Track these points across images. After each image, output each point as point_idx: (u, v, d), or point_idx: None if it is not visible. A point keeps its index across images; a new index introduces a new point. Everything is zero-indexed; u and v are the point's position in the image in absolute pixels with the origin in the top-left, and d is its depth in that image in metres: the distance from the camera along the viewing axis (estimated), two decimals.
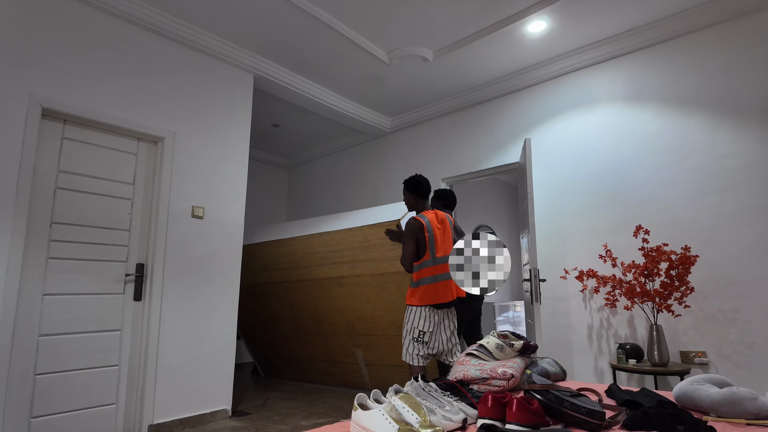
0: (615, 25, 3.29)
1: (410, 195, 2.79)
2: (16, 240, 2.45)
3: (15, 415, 2.41)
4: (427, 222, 2.63)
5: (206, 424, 3.13)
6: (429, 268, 2.62)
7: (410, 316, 2.63)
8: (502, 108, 4.18)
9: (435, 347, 2.62)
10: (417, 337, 2.58)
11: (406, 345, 2.63)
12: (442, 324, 2.65)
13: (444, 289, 2.64)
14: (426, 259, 2.62)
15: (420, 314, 2.60)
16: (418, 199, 2.78)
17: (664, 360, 2.77)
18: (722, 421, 1.28)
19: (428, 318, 2.59)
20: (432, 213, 2.71)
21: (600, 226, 3.44)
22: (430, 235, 2.62)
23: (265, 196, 6.18)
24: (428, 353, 2.62)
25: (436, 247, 2.64)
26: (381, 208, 3.44)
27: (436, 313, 2.63)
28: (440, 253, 2.65)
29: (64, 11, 2.75)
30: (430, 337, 2.60)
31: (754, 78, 2.90)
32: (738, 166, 2.91)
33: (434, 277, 2.62)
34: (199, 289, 3.23)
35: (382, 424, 1.16)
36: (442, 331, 2.65)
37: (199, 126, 3.36)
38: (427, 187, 2.79)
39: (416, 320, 2.60)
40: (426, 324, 2.59)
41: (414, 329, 2.59)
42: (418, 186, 2.76)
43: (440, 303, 2.62)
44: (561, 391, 1.34)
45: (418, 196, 2.77)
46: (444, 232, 2.73)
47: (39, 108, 2.59)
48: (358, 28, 3.38)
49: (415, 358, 2.59)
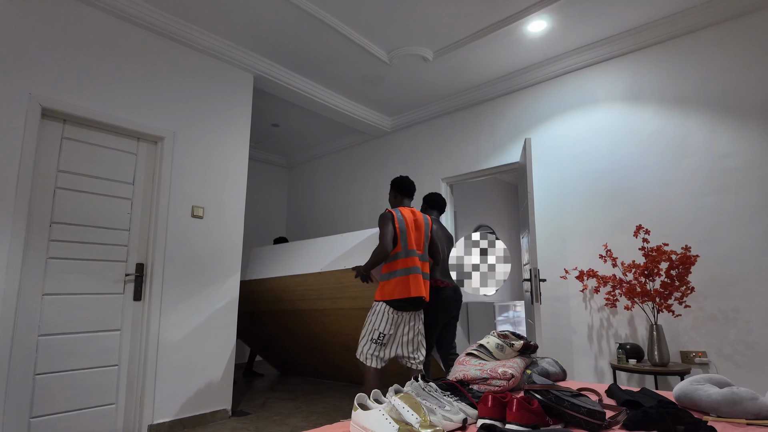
0: (615, 25, 3.29)
1: (392, 192, 2.95)
2: (16, 240, 2.45)
3: (15, 415, 2.41)
4: (398, 214, 2.70)
5: (206, 424, 3.13)
6: (402, 259, 2.64)
7: (373, 315, 2.61)
8: (502, 108, 4.18)
9: (393, 351, 2.62)
10: (376, 339, 2.57)
11: (362, 344, 2.61)
12: (405, 327, 2.64)
13: (415, 283, 2.62)
14: (398, 250, 2.65)
15: (383, 315, 2.58)
16: (397, 197, 2.91)
17: (665, 360, 2.77)
18: (722, 421, 1.28)
19: (390, 320, 2.58)
20: (407, 209, 2.78)
21: (600, 225, 3.44)
22: (402, 226, 2.66)
23: (265, 196, 6.18)
24: (385, 356, 2.60)
25: (408, 240, 2.66)
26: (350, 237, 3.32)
27: (400, 315, 2.61)
28: (412, 247, 2.67)
29: (63, 11, 2.75)
30: (389, 339, 2.59)
31: (754, 78, 2.90)
32: (738, 166, 2.90)
33: (407, 269, 2.62)
34: (199, 289, 3.23)
35: (382, 424, 1.15)
36: (404, 334, 2.65)
37: (199, 126, 3.36)
38: (409, 187, 2.91)
39: (377, 321, 2.59)
40: (386, 326, 2.57)
41: (374, 330, 2.58)
42: (399, 185, 2.90)
43: (410, 297, 2.59)
44: (561, 391, 1.34)
45: (398, 193, 2.91)
46: (417, 228, 2.76)
47: (39, 108, 2.59)
48: (358, 28, 3.37)
49: (370, 358, 2.58)
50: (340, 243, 3.34)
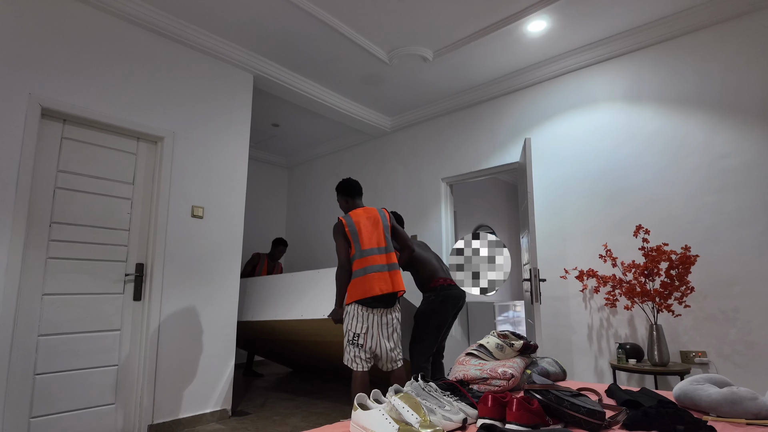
0: (615, 25, 3.29)
1: (340, 197, 2.90)
2: (16, 240, 2.44)
3: (15, 415, 2.41)
4: (347, 218, 2.69)
5: (206, 424, 3.13)
6: (357, 260, 2.61)
7: (347, 318, 2.57)
8: (502, 108, 4.18)
9: (373, 348, 2.55)
10: (352, 340, 2.53)
11: (345, 350, 2.58)
12: (379, 325, 2.57)
13: (379, 281, 2.56)
14: (353, 253, 2.63)
15: (354, 315, 2.54)
16: (348, 200, 2.87)
17: (664, 360, 2.77)
18: (722, 420, 1.28)
19: (361, 318, 2.53)
20: (359, 209, 2.77)
21: (600, 225, 3.44)
22: (352, 230, 2.65)
23: (265, 196, 6.17)
24: (367, 356, 2.54)
25: (361, 241, 2.64)
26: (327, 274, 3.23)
27: (371, 312, 2.55)
28: (366, 246, 2.64)
29: (63, 11, 2.75)
30: (365, 338, 2.53)
31: (754, 78, 2.90)
32: (738, 166, 2.91)
33: (364, 269, 2.58)
34: (199, 289, 3.23)
35: (382, 424, 1.15)
36: (381, 332, 2.57)
37: (199, 126, 3.36)
38: (355, 186, 2.88)
39: (350, 322, 2.55)
40: (359, 325, 2.53)
41: (348, 332, 2.55)
42: (345, 188, 2.87)
43: (375, 296, 2.54)
44: (561, 391, 1.34)
45: (348, 197, 2.87)
46: (374, 224, 2.72)
47: (38, 107, 2.59)
48: (358, 27, 3.37)
49: (353, 361, 2.53)
50: (319, 280, 3.24)
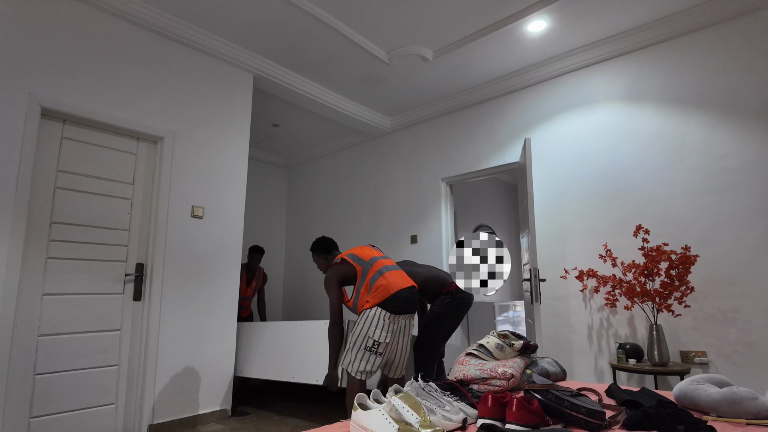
0: (615, 25, 3.29)
1: (317, 257, 2.85)
2: (16, 240, 2.45)
3: (15, 415, 2.41)
4: (350, 254, 2.59)
5: (206, 424, 3.13)
6: (368, 269, 2.47)
7: (365, 323, 2.32)
8: (502, 108, 4.18)
9: (390, 358, 2.42)
10: (371, 347, 2.29)
11: (351, 357, 2.35)
12: (400, 333, 2.41)
13: (396, 277, 2.46)
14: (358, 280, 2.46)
15: (378, 321, 2.31)
16: (326, 257, 2.83)
17: (664, 360, 2.77)
18: (722, 420, 1.28)
19: (386, 326, 2.31)
20: (356, 248, 2.68)
21: (600, 225, 3.44)
22: (351, 256, 2.55)
23: (265, 196, 6.17)
24: (380, 365, 2.35)
25: (362, 256, 2.55)
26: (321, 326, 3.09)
27: (395, 321, 2.34)
28: (368, 257, 2.54)
29: (63, 11, 2.75)
30: (386, 348, 2.33)
31: (754, 78, 2.90)
32: (738, 166, 2.91)
33: (378, 272, 2.45)
34: (199, 289, 3.23)
35: (382, 423, 1.15)
36: (400, 340, 2.43)
37: (199, 126, 3.36)
38: (331, 241, 2.85)
39: (371, 328, 2.31)
40: (382, 334, 2.30)
41: (367, 338, 2.30)
42: (323, 246, 2.82)
43: (402, 290, 2.39)
44: (561, 391, 1.34)
45: (327, 253, 2.82)
46: (383, 254, 2.67)
47: (38, 108, 2.59)
48: (358, 27, 3.37)
49: (361, 372, 2.32)
50: (304, 334, 3.09)
